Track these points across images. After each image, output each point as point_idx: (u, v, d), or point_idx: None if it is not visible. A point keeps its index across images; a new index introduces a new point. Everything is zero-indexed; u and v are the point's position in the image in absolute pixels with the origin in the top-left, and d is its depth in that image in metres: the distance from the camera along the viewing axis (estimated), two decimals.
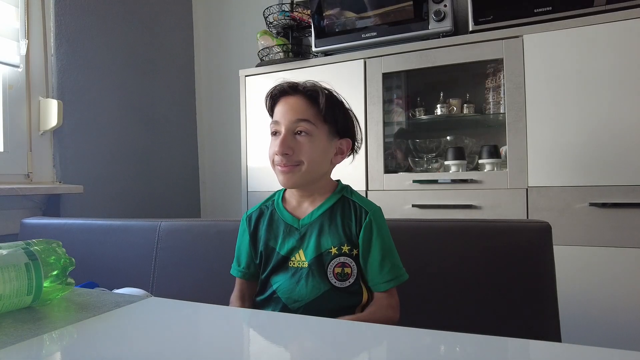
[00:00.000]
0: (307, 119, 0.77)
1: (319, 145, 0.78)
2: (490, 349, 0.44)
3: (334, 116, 0.79)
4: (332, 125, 0.80)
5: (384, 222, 0.79)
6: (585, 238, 1.32)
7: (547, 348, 0.46)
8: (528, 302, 0.84)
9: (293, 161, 0.77)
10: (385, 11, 1.65)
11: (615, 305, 1.27)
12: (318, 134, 0.78)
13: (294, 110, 0.78)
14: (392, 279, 0.76)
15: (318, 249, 0.77)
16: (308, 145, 0.77)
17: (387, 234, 0.79)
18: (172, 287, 1.14)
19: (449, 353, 0.45)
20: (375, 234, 0.77)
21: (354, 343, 0.49)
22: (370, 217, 0.78)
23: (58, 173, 1.63)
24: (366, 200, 0.82)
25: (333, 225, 0.78)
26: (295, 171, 0.77)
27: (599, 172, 1.32)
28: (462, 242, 0.91)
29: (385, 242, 0.77)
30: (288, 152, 0.76)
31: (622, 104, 1.30)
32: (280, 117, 0.79)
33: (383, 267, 0.75)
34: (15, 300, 0.58)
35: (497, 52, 1.47)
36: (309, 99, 0.78)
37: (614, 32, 1.32)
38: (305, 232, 0.79)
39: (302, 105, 0.78)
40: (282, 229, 0.82)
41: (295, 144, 0.77)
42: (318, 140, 0.78)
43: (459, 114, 1.67)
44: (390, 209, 1.57)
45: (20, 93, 1.54)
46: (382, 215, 0.80)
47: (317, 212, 0.80)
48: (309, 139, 0.77)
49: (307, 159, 0.77)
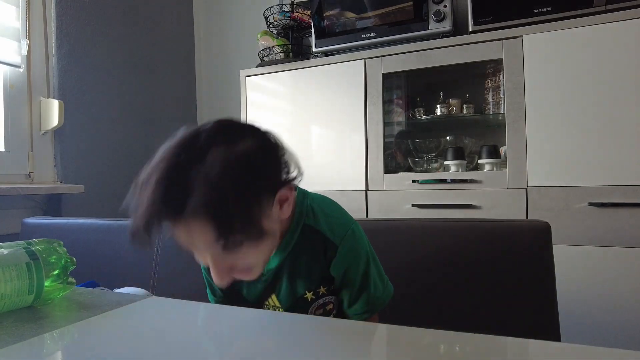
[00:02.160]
0: (226, 247, 0.49)
1: (262, 244, 0.55)
2: (489, 349, 0.44)
3: (253, 218, 0.50)
4: (259, 222, 0.51)
5: (357, 245, 0.66)
6: (584, 238, 1.33)
7: (547, 348, 0.46)
8: (527, 302, 0.84)
9: (243, 273, 0.58)
10: (385, 12, 1.65)
11: (615, 305, 1.28)
12: (253, 241, 0.53)
13: (199, 245, 0.51)
14: (366, 312, 0.67)
15: (293, 295, 0.66)
16: (251, 257, 0.56)
17: (362, 259, 0.66)
18: (173, 286, 1.14)
19: (449, 352, 0.45)
20: (348, 269, 0.65)
21: (354, 343, 0.49)
22: (341, 251, 0.64)
23: (59, 173, 1.63)
24: (333, 221, 0.65)
25: (303, 267, 0.66)
26: (253, 273, 0.58)
27: (599, 172, 1.32)
28: (461, 242, 0.91)
29: (361, 274, 0.66)
30: (233, 279, 0.57)
31: (622, 104, 1.30)
32: (188, 248, 0.53)
33: (357, 300, 0.67)
34: (16, 299, 0.58)
35: (496, 52, 1.47)
36: (214, 223, 0.47)
37: (613, 33, 1.32)
38: (274, 278, 0.67)
39: (203, 235, 0.48)
40: None
41: (235, 270, 0.56)
42: (258, 243, 0.54)
43: (459, 114, 1.67)
44: (390, 209, 1.57)
45: (22, 93, 1.55)
46: (354, 238, 0.66)
47: (281, 255, 0.65)
48: (248, 252, 0.54)
49: (256, 262, 0.57)
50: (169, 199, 0.47)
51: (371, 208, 1.61)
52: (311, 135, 1.74)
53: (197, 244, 0.51)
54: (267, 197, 0.54)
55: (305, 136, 1.75)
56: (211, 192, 0.46)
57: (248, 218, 0.49)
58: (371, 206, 1.61)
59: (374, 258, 0.69)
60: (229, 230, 0.48)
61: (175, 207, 0.47)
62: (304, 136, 1.75)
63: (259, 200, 0.51)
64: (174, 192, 0.47)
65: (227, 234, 0.48)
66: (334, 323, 0.55)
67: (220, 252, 0.50)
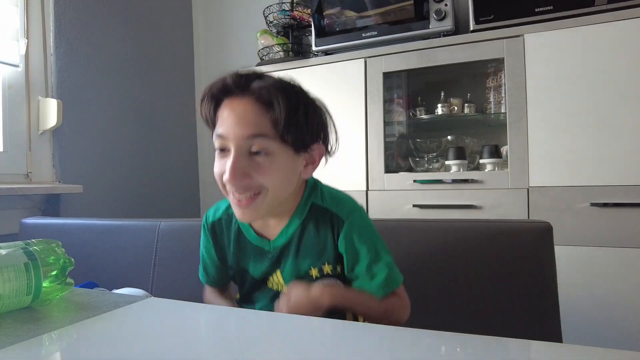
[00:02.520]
0: (265, 134, 0.59)
1: (283, 165, 0.62)
2: (490, 350, 0.44)
3: (298, 125, 0.61)
4: (297, 135, 0.62)
5: (365, 223, 0.68)
6: (586, 238, 1.32)
7: (548, 348, 0.46)
8: (529, 303, 0.84)
9: (252, 189, 0.61)
10: (385, 10, 1.64)
11: (617, 305, 1.27)
12: (280, 150, 0.61)
13: (245, 122, 0.59)
14: (385, 286, 0.66)
15: (297, 272, 0.67)
16: (269, 167, 0.60)
17: (370, 236, 0.68)
18: (172, 287, 1.14)
19: (450, 354, 0.45)
20: (357, 242, 0.66)
21: (355, 343, 0.49)
22: (348, 226, 0.66)
23: (57, 173, 1.63)
24: (340, 201, 0.69)
25: (309, 244, 0.67)
26: (257, 203, 0.62)
27: (600, 172, 1.32)
28: (462, 242, 0.91)
29: (370, 246, 0.66)
30: (244, 181, 0.60)
31: (623, 103, 1.30)
32: (226, 130, 0.60)
33: (373, 276, 0.66)
34: (14, 300, 0.57)
35: (498, 51, 1.47)
36: (265, 105, 0.60)
37: (615, 32, 1.32)
38: (279, 255, 0.69)
39: (256, 113, 0.59)
40: (251, 251, 0.71)
41: (251, 168, 0.60)
42: (281, 158, 0.61)
43: (460, 113, 1.66)
44: (391, 209, 1.57)
45: (20, 93, 1.54)
46: (361, 216, 0.69)
47: (289, 231, 0.68)
48: (270, 159, 0.60)
49: (270, 184, 0.61)
50: (246, 77, 0.62)
51: (372, 208, 1.61)
52: None
53: (247, 121, 0.59)
54: (307, 139, 0.64)
55: None
56: (277, 93, 0.59)
57: (293, 126, 0.60)
58: (372, 206, 1.61)
59: (382, 242, 0.69)
60: (275, 120, 0.59)
61: (249, 80, 0.61)
62: None
63: (302, 129, 0.62)
64: (251, 76, 0.62)
65: (272, 124, 0.59)
66: (335, 324, 0.55)
67: (250, 145, 0.59)
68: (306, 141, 0.64)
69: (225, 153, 0.61)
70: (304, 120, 0.62)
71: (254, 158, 0.60)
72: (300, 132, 0.62)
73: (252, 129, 0.59)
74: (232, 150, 0.60)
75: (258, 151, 0.60)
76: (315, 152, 0.67)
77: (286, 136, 0.60)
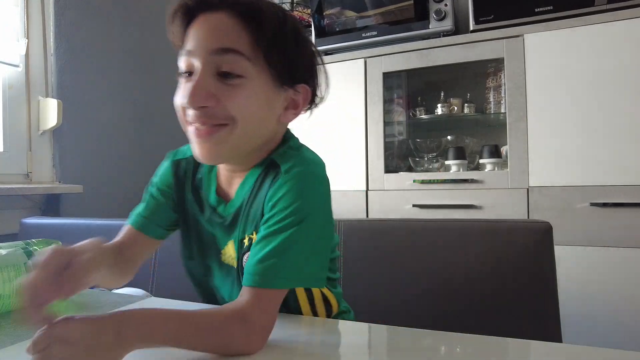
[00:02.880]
0: (238, 51, 0.48)
1: (258, 95, 0.50)
2: (490, 350, 0.44)
3: (285, 50, 0.50)
4: (282, 62, 0.51)
5: (309, 187, 0.50)
6: (586, 238, 1.32)
7: (548, 348, 0.46)
8: (528, 303, 0.84)
9: (216, 118, 0.48)
10: (385, 10, 1.64)
11: (616, 305, 1.27)
12: (257, 76, 0.49)
13: (217, 33, 0.48)
14: (268, 272, 0.46)
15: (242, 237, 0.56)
16: (241, 93, 0.48)
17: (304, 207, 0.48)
18: (172, 287, 1.14)
19: (450, 353, 0.45)
20: (278, 200, 0.49)
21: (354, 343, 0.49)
22: (283, 178, 0.50)
23: (57, 173, 1.63)
24: (295, 157, 0.53)
25: (256, 209, 0.54)
26: (221, 135, 0.49)
27: (600, 171, 1.32)
28: (462, 242, 0.91)
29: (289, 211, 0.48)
30: (208, 104, 0.47)
31: (623, 103, 1.30)
32: (195, 44, 0.49)
33: (261, 250, 0.47)
34: (14, 300, 0.57)
35: (497, 51, 1.47)
36: (246, 19, 0.48)
37: (614, 32, 1.32)
38: (232, 221, 0.56)
39: (232, 26, 0.48)
40: (208, 209, 0.59)
41: (219, 90, 0.48)
42: (257, 86, 0.49)
43: (460, 113, 1.66)
44: (391, 209, 1.57)
45: (20, 93, 1.54)
46: (309, 175, 0.51)
47: (241, 194, 0.56)
48: (243, 84, 0.48)
49: (240, 114, 0.48)
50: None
51: (372, 208, 1.61)
52: (311, 134, 1.73)
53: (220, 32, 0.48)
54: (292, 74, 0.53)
55: (305, 136, 1.74)
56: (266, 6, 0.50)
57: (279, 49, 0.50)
58: (372, 206, 1.61)
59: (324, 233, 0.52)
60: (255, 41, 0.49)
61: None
62: (303, 136, 1.75)
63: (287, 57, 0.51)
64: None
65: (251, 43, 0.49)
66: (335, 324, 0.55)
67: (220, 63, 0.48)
68: (292, 73, 0.53)
69: (189, 78, 0.49)
70: (293, 45, 0.51)
71: (224, 80, 0.48)
72: (286, 59, 0.51)
73: (223, 42, 0.48)
74: (198, 68, 0.48)
75: (229, 72, 0.48)
76: (300, 96, 0.55)
77: (268, 58, 0.49)
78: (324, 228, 0.51)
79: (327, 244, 0.53)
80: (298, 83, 0.54)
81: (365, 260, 0.88)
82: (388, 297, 0.85)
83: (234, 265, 0.56)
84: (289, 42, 0.51)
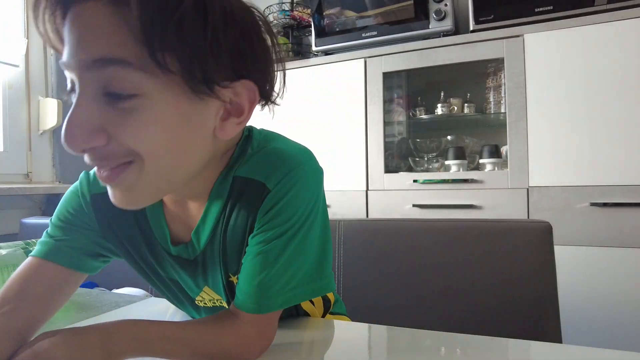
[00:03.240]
0: (122, 59, 0.33)
1: (165, 115, 0.35)
2: (490, 350, 0.44)
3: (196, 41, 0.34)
4: (187, 56, 0.34)
5: (306, 189, 0.43)
6: (586, 238, 1.32)
7: (548, 349, 0.46)
8: (528, 303, 0.84)
9: (115, 158, 0.36)
10: (385, 10, 1.64)
11: (617, 305, 1.27)
12: (158, 89, 0.35)
13: (90, 37, 0.33)
14: (264, 296, 0.41)
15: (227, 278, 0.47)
16: (137, 121, 0.35)
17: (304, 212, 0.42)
18: None
19: (450, 354, 0.45)
20: (275, 215, 0.42)
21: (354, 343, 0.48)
22: (273, 194, 0.42)
23: (57, 172, 1.63)
24: (272, 162, 0.43)
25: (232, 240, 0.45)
26: (128, 177, 0.36)
27: (600, 171, 1.31)
28: (462, 242, 0.91)
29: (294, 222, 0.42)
30: (95, 144, 0.34)
31: (623, 103, 1.30)
32: (66, 54, 0.35)
33: (257, 274, 0.41)
34: None
35: (497, 51, 1.47)
36: (124, 6, 0.33)
37: (615, 32, 1.32)
38: (202, 263, 0.47)
39: (109, 23, 0.33)
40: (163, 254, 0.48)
41: (107, 120, 0.34)
42: (161, 104, 0.35)
43: (460, 113, 1.66)
44: (391, 209, 1.57)
45: (20, 93, 1.54)
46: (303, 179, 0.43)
47: (207, 222, 0.45)
48: (138, 106, 0.34)
49: (143, 148, 0.35)
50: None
51: (371, 208, 1.61)
52: (311, 134, 1.73)
53: (93, 35, 0.33)
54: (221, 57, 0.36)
55: (305, 135, 1.75)
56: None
57: (177, 20, 0.33)
58: (371, 206, 1.61)
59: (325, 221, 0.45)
60: (137, 14, 0.32)
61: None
62: (303, 135, 1.75)
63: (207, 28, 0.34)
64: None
65: (135, 21, 0.32)
66: (335, 324, 0.55)
67: (102, 80, 0.33)
68: (215, 72, 0.36)
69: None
70: (201, 28, 0.34)
71: (113, 103, 0.34)
72: (196, 53, 0.34)
73: (99, 50, 0.33)
74: (77, 91, 0.35)
75: (117, 93, 0.34)
76: (242, 95, 0.40)
77: (163, 58, 0.33)
78: (326, 227, 0.46)
79: (330, 241, 0.46)
80: (234, 80, 0.38)
81: (365, 260, 0.88)
82: (388, 297, 0.85)
83: (222, 305, 0.49)
84: (198, 26, 0.34)
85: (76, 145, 0.34)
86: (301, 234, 0.42)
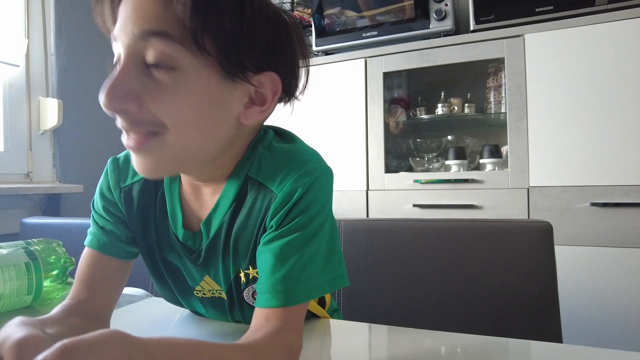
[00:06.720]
0: (165, 32, 0.37)
1: (197, 92, 0.38)
2: (491, 350, 0.44)
3: (231, 25, 0.38)
4: (227, 43, 0.38)
5: (319, 189, 0.44)
6: (586, 238, 1.32)
7: (548, 349, 0.46)
8: (529, 303, 0.84)
9: (143, 124, 0.38)
10: (386, 10, 1.64)
11: (617, 305, 1.27)
12: (196, 66, 0.38)
13: (140, 13, 0.37)
14: (289, 290, 0.41)
15: (227, 276, 0.48)
16: (169, 93, 0.38)
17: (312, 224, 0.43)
18: None
19: (450, 354, 0.45)
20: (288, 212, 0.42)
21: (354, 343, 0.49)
22: (282, 196, 0.43)
23: (58, 172, 1.63)
24: (283, 169, 0.44)
25: (240, 237, 0.46)
26: (152, 147, 0.39)
27: (601, 171, 1.31)
28: (462, 242, 0.91)
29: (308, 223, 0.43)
30: (127, 106, 0.37)
31: (623, 103, 1.30)
32: (118, 27, 0.39)
33: (277, 269, 0.42)
34: (15, 299, 0.58)
35: (498, 51, 1.47)
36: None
37: (615, 32, 1.32)
38: (206, 255, 0.48)
39: (158, 3, 0.37)
40: (172, 240, 0.50)
41: (143, 87, 0.38)
42: (194, 81, 0.38)
43: (460, 113, 1.66)
44: (391, 209, 1.57)
45: (20, 92, 1.54)
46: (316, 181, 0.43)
47: (217, 219, 0.47)
48: (172, 79, 0.37)
49: (170, 119, 0.38)
50: None
51: (372, 208, 1.61)
52: (311, 134, 1.73)
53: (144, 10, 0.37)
54: (251, 59, 0.40)
55: (305, 136, 1.75)
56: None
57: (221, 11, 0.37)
58: (372, 206, 1.61)
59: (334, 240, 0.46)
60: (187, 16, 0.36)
61: None
62: (303, 136, 1.75)
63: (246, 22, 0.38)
64: None
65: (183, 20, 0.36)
66: (334, 324, 0.55)
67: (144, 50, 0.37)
68: (247, 59, 0.39)
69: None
70: (239, 18, 0.38)
71: (151, 74, 0.38)
72: (232, 39, 0.38)
73: (146, 23, 0.37)
74: (122, 60, 0.39)
75: (157, 63, 0.37)
76: (267, 87, 0.42)
77: (202, 39, 0.37)
78: (334, 225, 0.47)
79: (338, 237, 0.48)
80: (262, 71, 0.41)
81: (365, 260, 0.88)
82: (388, 297, 0.85)
83: (221, 297, 0.50)
84: (233, 16, 0.38)
85: (110, 104, 0.37)
86: (314, 229, 0.43)
